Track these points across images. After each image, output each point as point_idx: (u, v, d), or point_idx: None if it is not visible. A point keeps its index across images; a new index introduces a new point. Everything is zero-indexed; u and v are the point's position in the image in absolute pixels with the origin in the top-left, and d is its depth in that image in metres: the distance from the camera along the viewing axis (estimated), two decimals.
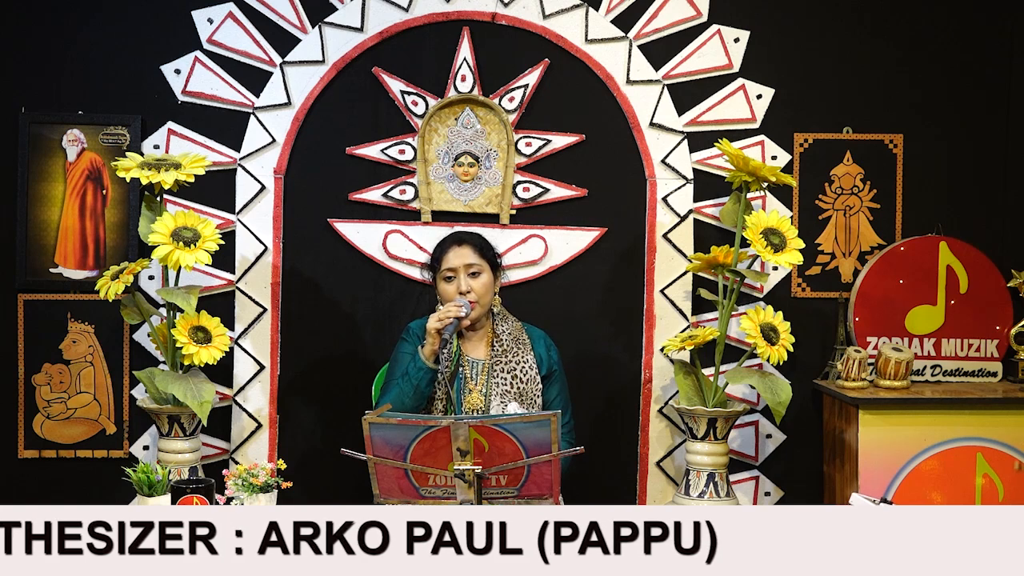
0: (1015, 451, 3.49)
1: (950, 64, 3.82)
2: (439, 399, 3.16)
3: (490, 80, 3.69)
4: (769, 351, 3.32)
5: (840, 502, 3.57)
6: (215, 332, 3.29)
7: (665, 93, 3.72)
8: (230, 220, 3.66)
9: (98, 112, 3.63)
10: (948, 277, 3.76)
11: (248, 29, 3.64)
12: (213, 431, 3.64)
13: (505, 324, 3.28)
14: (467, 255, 3.24)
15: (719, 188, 3.69)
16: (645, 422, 3.75)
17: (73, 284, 3.63)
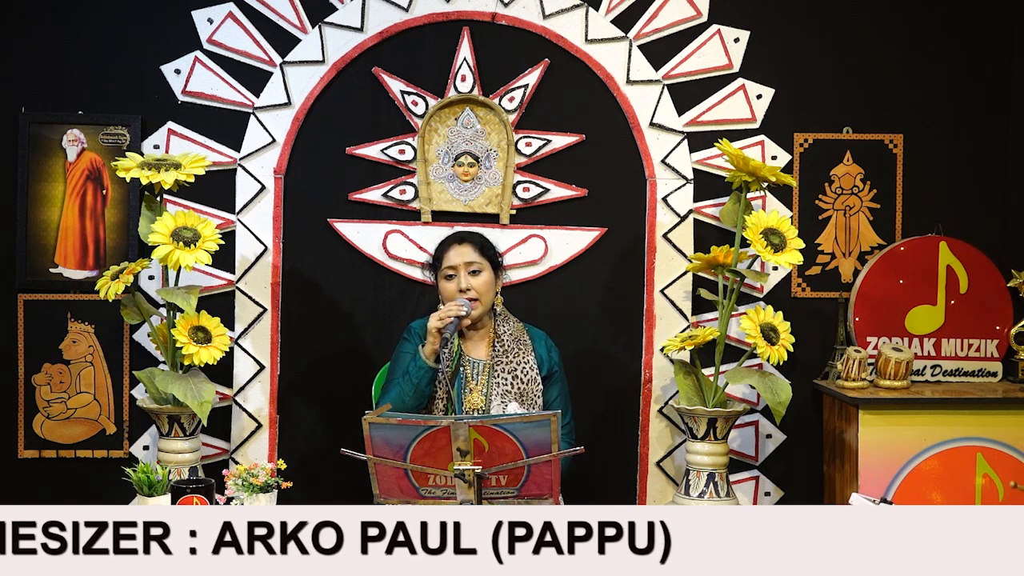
0: (1015, 451, 3.49)
1: (950, 64, 3.82)
2: (439, 398, 3.16)
3: (490, 80, 3.69)
4: (769, 351, 3.32)
5: (840, 502, 3.57)
6: (215, 332, 3.29)
7: (665, 93, 3.72)
8: (230, 220, 3.66)
9: (98, 112, 3.63)
10: (948, 277, 3.76)
11: (248, 29, 3.64)
12: (213, 431, 3.64)
13: (506, 324, 3.28)
14: (468, 253, 3.24)
15: (719, 188, 3.69)
16: (645, 422, 3.75)
17: (73, 284, 3.63)
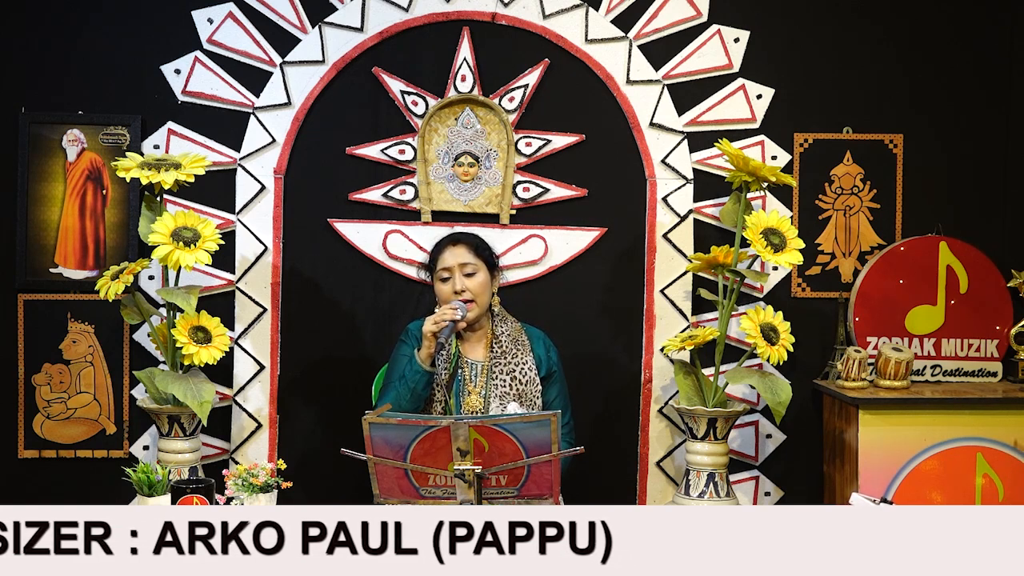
0: (1015, 451, 3.49)
1: (950, 64, 3.81)
2: (438, 401, 3.16)
3: (490, 80, 3.69)
4: (769, 351, 3.32)
5: (840, 502, 3.57)
6: (215, 332, 3.29)
7: (665, 93, 3.72)
8: (230, 220, 3.66)
9: (98, 112, 3.63)
10: (948, 277, 3.76)
11: (248, 29, 3.64)
12: (213, 431, 3.64)
13: (504, 325, 3.28)
14: (462, 254, 3.24)
15: (719, 188, 3.69)
16: (645, 422, 3.75)
17: (73, 284, 3.63)
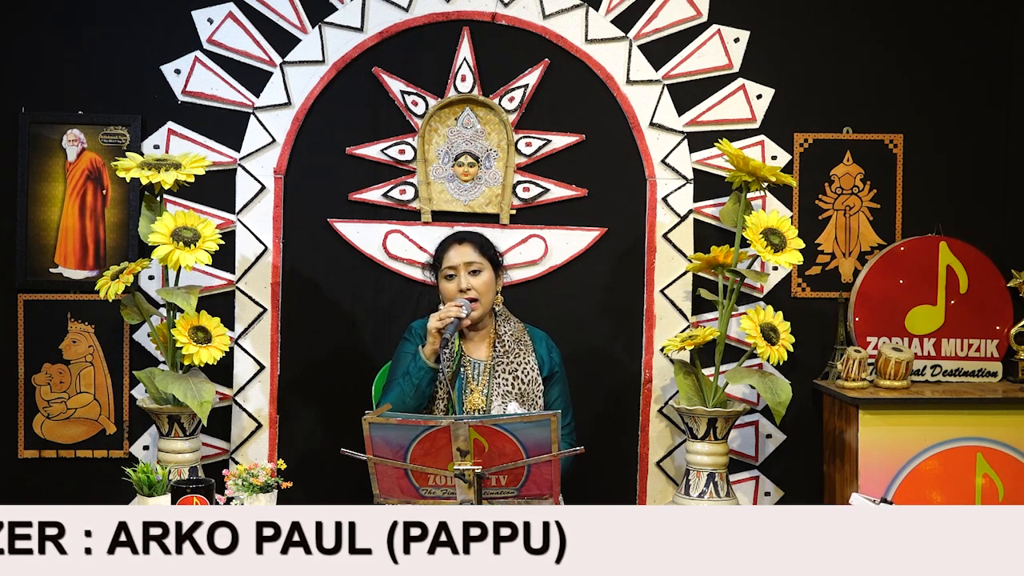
0: (1015, 451, 3.49)
1: (950, 64, 3.81)
2: (440, 399, 3.16)
3: (490, 80, 3.69)
4: (769, 351, 3.32)
5: (840, 502, 3.57)
6: (215, 332, 3.29)
7: (665, 93, 3.72)
8: (230, 220, 3.66)
9: (98, 112, 3.63)
10: (948, 277, 3.76)
11: (248, 29, 3.64)
12: (213, 431, 3.64)
13: (507, 325, 3.28)
14: (468, 253, 3.25)
15: (719, 188, 3.69)
16: (645, 422, 3.75)
17: (73, 284, 3.63)
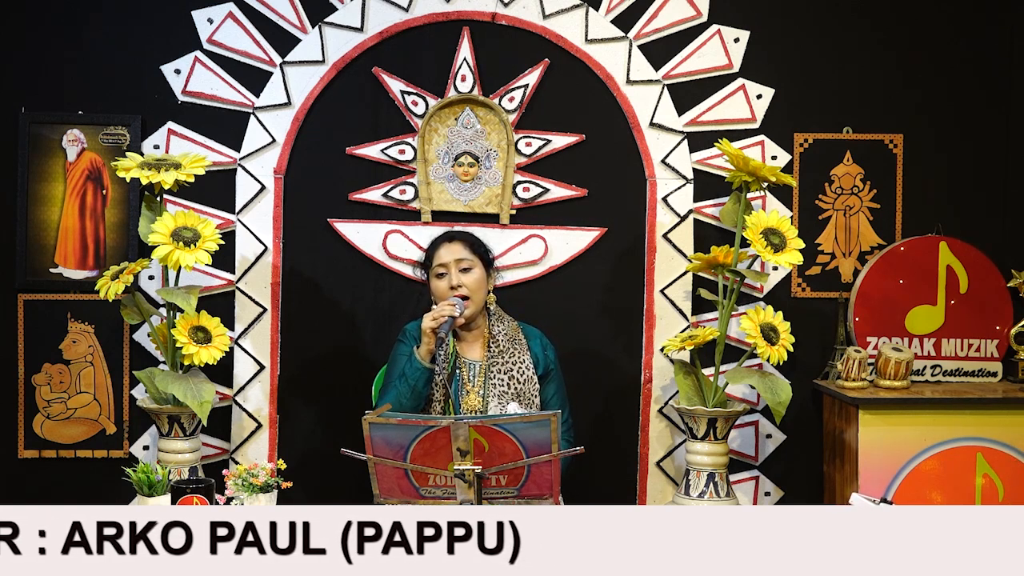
0: (1015, 451, 3.49)
1: (950, 64, 3.81)
2: (437, 401, 3.16)
3: (490, 80, 3.69)
4: (769, 351, 3.32)
5: (840, 502, 3.57)
6: (215, 332, 3.29)
7: (665, 93, 3.72)
8: (230, 220, 3.66)
9: (98, 112, 3.63)
10: (948, 277, 3.76)
11: (248, 29, 3.64)
12: (213, 431, 3.64)
13: (501, 324, 3.28)
14: (458, 251, 3.25)
15: (719, 188, 3.69)
16: (645, 422, 3.75)
17: (73, 284, 3.63)
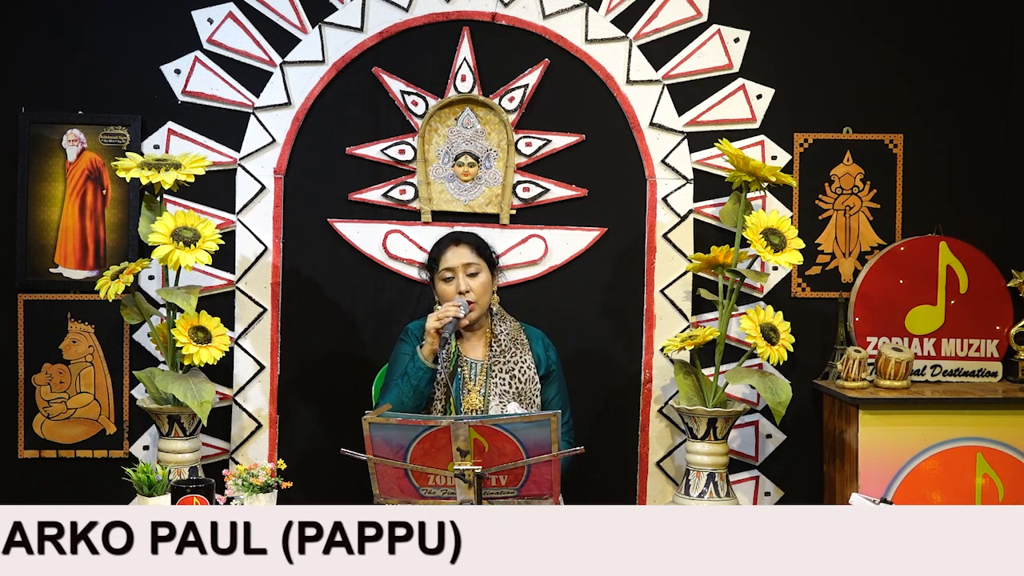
0: (1015, 451, 3.49)
1: (950, 64, 3.81)
2: (438, 400, 3.16)
3: (490, 80, 3.69)
4: (769, 351, 3.32)
5: (840, 502, 3.57)
6: (215, 332, 3.29)
7: (665, 93, 3.72)
8: (230, 220, 3.66)
9: (98, 112, 3.63)
10: (948, 277, 3.76)
11: (248, 29, 3.64)
12: (213, 431, 3.64)
13: (503, 324, 3.28)
14: (465, 255, 3.24)
15: (719, 188, 3.69)
16: (645, 422, 3.75)
17: (73, 284, 3.63)
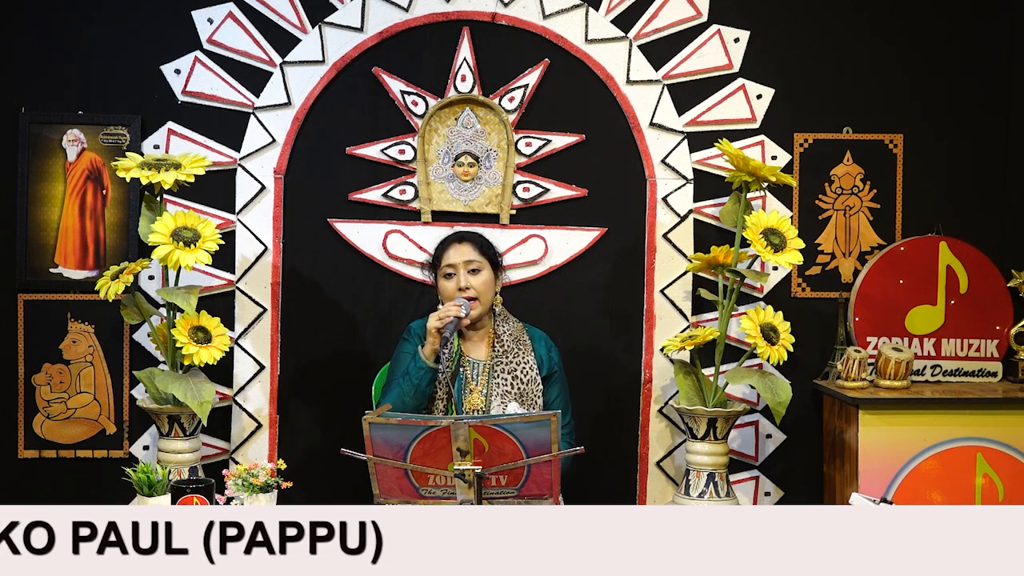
0: (1015, 451, 3.49)
1: (950, 64, 3.81)
2: (439, 399, 3.16)
3: (490, 80, 3.69)
4: (769, 351, 3.32)
5: (840, 502, 3.57)
6: (215, 332, 3.29)
7: (665, 93, 3.72)
8: (230, 220, 3.66)
9: (98, 112, 3.63)
10: (948, 277, 3.76)
11: (248, 29, 3.64)
12: (213, 431, 3.64)
13: (506, 324, 3.28)
14: (467, 252, 3.25)
15: (719, 188, 3.69)
16: (645, 422, 3.75)
17: (73, 284, 3.63)
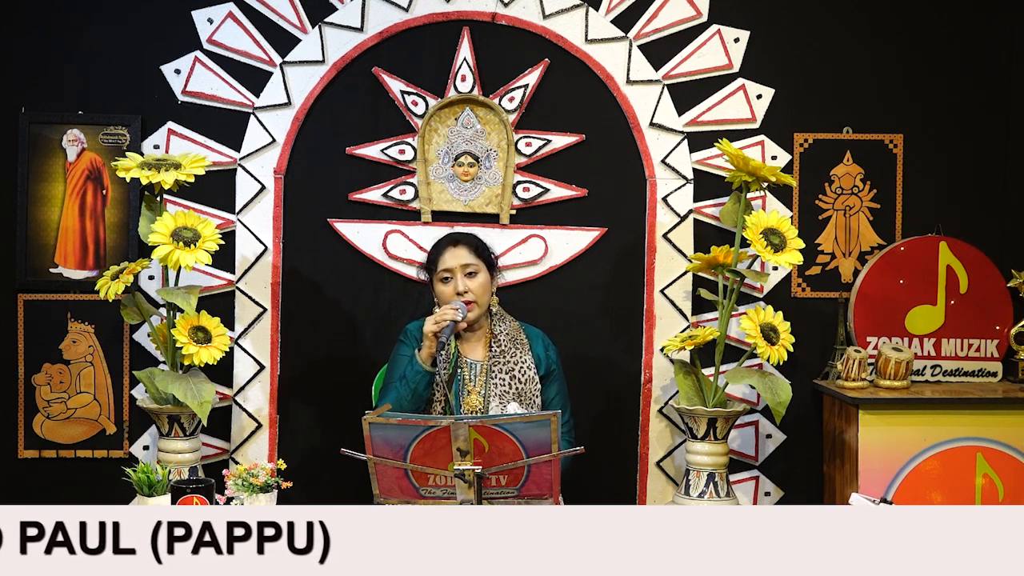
0: (1015, 451, 3.49)
1: (950, 64, 3.81)
2: (437, 401, 3.16)
3: (490, 80, 3.69)
4: (769, 351, 3.32)
5: (840, 502, 3.57)
6: (215, 332, 3.29)
7: (665, 93, 3.72)
8: (230, 220, 3.66)
9: (98, 112, 3.63)
10: (948, 277, 3.76)
11: (248, 29, 3.64)
12: (213, 431, 3.64)
13: (503, 324, 3.28)
14: (463, 255, 3.24)
15: (719, 188, 3.69)
16: (645, 422, 3.75)
17: (73, 284, 3.63)
